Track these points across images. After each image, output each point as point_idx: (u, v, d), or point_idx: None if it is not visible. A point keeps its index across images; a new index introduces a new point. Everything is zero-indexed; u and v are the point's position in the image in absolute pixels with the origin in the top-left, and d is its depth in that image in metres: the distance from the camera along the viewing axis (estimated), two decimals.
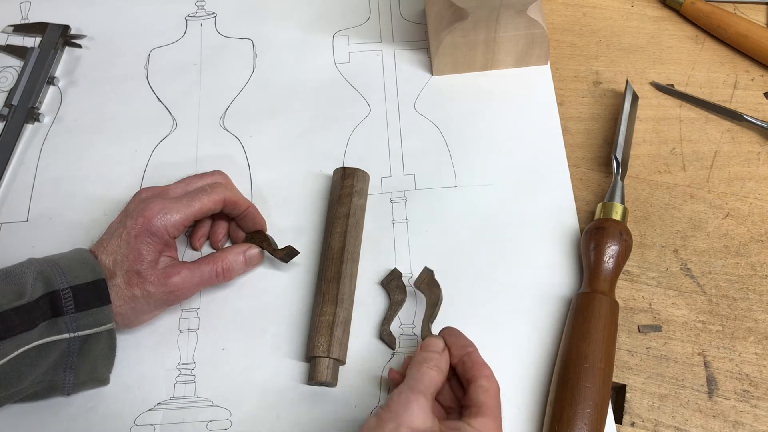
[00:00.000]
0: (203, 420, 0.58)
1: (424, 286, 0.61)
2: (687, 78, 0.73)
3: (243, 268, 0.62)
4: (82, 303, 0.55)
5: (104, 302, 0.56)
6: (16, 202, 0.69)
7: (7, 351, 0.52)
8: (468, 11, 0.65)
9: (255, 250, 0.62)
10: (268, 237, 0.63)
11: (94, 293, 0.55)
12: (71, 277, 0.55)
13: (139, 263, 0.57)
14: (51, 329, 0.54)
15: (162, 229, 0.57)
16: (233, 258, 0.61)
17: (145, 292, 0.57)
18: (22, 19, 0.79)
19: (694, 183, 0.67)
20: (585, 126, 0.71)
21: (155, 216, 0.57)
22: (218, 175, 0.63)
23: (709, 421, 0.57)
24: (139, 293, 0.57)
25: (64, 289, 0.55)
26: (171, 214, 0.58)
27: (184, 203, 0.59)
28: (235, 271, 0.61)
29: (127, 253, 0.57)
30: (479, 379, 0.51)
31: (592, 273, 0.60)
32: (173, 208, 0.58)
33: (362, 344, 0.61)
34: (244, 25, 0.78)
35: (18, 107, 0.72)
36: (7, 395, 0.55)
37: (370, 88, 0.73)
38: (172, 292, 0.58)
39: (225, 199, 0.60)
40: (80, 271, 0.56)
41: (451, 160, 0.69)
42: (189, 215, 0.58)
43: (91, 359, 0.57)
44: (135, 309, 0.58)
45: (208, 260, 0.60)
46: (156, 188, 0.61)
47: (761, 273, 0.63)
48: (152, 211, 0.57)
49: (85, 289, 0.55)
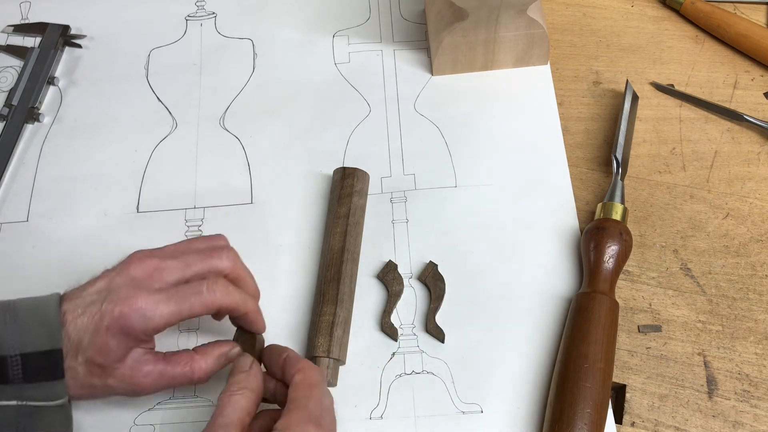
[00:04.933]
0: (203, 420, 0.58)
1: (429, 279, 0.61)
2: (687, 78, 0.73)
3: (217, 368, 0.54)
4: (32, 374, 0.49)
5: (57, 376, 0.49)
6: (16, 202, 0.69)
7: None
8: (468, 11, 0.65)
9: (236, 350, 0.54)
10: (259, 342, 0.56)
11: (47, 366, 0.49)
12: (24, 342, 0.48)
13: (104, 357, 0.50)
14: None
15: (138, 330, 0.50)
16: (212, 362, 0.53)
17: (106, 385, 0.51)
18: (22, 19, 0.79)
19: (694, 183, 0.67)
20: (585, 126, 0.71)
21: (134, 314, 0.49)
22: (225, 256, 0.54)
23: (709, 421, 0.57)
24: (99, 383, 0.51)
25: (13, 356, 0.48)
26: (153, 317, 0.50)
27: (173, 304, 0.50)
28: (211, 374, 0.54)
29: (93, 340, 0.49)
30: (293, 377, 0.49)
31: (592, 273, 0.60)
32: (157, 309, 0.50)
33: (362, 342, 0.61)
34: (244, 25, 0.78)
35: (18, 107, 0.72)
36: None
37: (370, 88, 0.73)
38: (136, 391, 0.52)
39: (221, 307, 0.52)
40: (36, 335, 0.49)
41: (451, 160, 0.69)
42: (173, 319, 0.51)
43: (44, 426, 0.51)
44: (92, 395, 0.52)
45: (183, 361, 0.53)
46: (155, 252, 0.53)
47: (761, 273, 0.63)
48: (132, 307, 0.49)
49: (37, 358, 0.48)
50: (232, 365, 0.52)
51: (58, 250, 0.62)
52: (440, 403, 0.58)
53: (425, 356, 0.60)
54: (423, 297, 0.63)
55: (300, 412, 0.47)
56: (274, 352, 0.53)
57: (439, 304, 0.61)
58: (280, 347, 0.54)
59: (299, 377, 0.49)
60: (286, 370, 0.51)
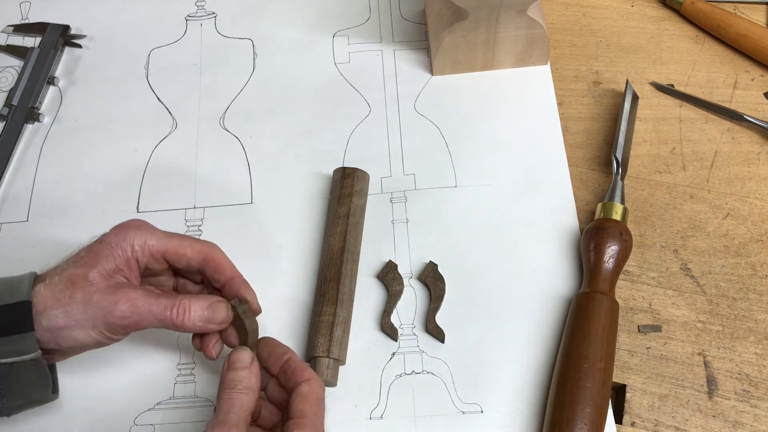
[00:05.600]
0: (203, 420, 0.58)
1: (429, 279, 0.62)
2: (687, 78, 0.73)
3: (202, 322, 0.52)
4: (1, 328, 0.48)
5: (25, 329, 0.48)
6: (16, 202, 0.69)
7: None
8: (468, 11, 0.65)
9: (222, 305, 0.53)
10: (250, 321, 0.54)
11: (11, 318, 0.48)
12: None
13: (90, 267, 0.50)
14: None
15: (130, 243, 0.51)
16: (195, 305, 0.52)
17: (87, 298, 0.49)
18: (22, 19, 0.79)
19: (694, 183, 0.67)
20: (585, 126, 0.71)
21: (130, 229, 0.52)
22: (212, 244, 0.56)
23: (709, 421, 0.57)
24: (80, 298, 0.49)
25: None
26: (148, 236, 0.52)
27: (166, 234, 0.53)
28: (191, 319, 0.51)
29: (82, 256, 0.51)
30: (299, 385, 0.49)
31: (592, 273, 0.60)
32: (152, 232, 0.53)
33: (362, 342, 0.61)
34: (244, 25, 0.78)
35: (18, 107, 0.72)
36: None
37: (370, 88, 0.73)
38: (117, 305, 0.49)
39: (207, 255, 0.53)
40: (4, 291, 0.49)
41: (451, 160, 0.69)
42: (165, 246, 0.52)
43: (21, 385, 0.50)
44: (67, 319, 0.49)
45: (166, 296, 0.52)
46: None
47: (761, 273, 0.63)
48: (129, 224, 0.52)
49: (5, 312, 0.48)
50: (229, 358, 0.50)
51: (58, 250, 0.62)
52: (440, 403, 0.58)
53: (425, 356, 0.60)
54: (423, 297, 0.63)
55: (313, 428, 0.47)
56: (275, 350, 0.53)
57: (439, 304, 0.61)
58: (281, 346, 0.53)
59: (306, 389, 0.49)
60: (289, 374, 0.51)
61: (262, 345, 0.53)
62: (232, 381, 0.49)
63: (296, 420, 0.48)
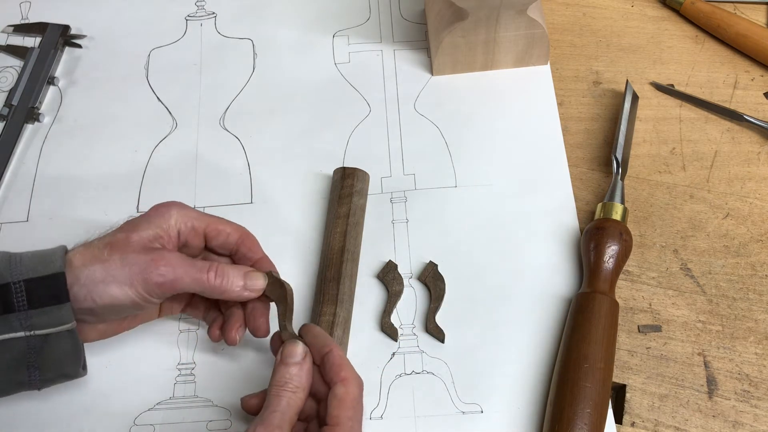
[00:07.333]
0: (203, 420, 0.58)
1: (429, 279, 0.62)
2: (687, 78, 0.73)
3: (239, 287, 0.53)
4: (36, 299, 0.49)
5: (62, 300, 0.49)
6: (16, 202, 0.69)
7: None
8: (468, 11, 0.65)
9: (259, 273, 0.54)
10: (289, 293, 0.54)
11: (49, 289, 0.49)
12: (25, 270, 0.50)
13: (130, 232, 0.51)
14: (3, 326, 0.49)
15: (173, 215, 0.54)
16: (233, 271, 0.53)
17: (124, 256, 0.50)
18: (22, 19, 0.79)
19: (694, 183, 0.67)
20: (585, 126, 0.71)
21: (173, 205, 0.54)
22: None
23: (709, 421, 0.57)
24: (118, 256, 0.50)
25: (17, 283, 0.49)
26: (189, 211, 0.55)
27: (204, 213, 0.56)
28: (230, 282, 0.53)
29: (121, 226, 0.53)
30: (335, 386, 0.48)
31: (592, 273, 0.60)
32: (193, 210, 0.55)
33: (362, 342, 0.61)
34: (244, 25, 0.78)
35: (18, 107, 0.72)
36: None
37: (370, 88, 0.73)
38: (154, 263, 0.50)
39: (244, 232, 0.57)
40: (38, 264, 0.50)
41: (451, 160, 0.69)
42: (206, 221, 0.55)
43: (55, 358, 0.51)
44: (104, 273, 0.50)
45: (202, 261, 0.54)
46: None
47: (761, 273, 0.63)
48: (170, 202, 0.55)
49: (40, 283, 0.49)
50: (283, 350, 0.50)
51: None
52: (440, 403, 0.58)
53: (425, 356, 0.60)
54: (423, 297, 0.63)
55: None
56: (316, 340, 0.51)
57: (439, 304, 0.61)
58: (324, 336, 0.51)
59: (341, 391, 0.48)
60: (327, 368, 0.49)
61: (306, 332, 0.52)
62: (283, 378, 0.48)
63: (331, 427, 0.47)
